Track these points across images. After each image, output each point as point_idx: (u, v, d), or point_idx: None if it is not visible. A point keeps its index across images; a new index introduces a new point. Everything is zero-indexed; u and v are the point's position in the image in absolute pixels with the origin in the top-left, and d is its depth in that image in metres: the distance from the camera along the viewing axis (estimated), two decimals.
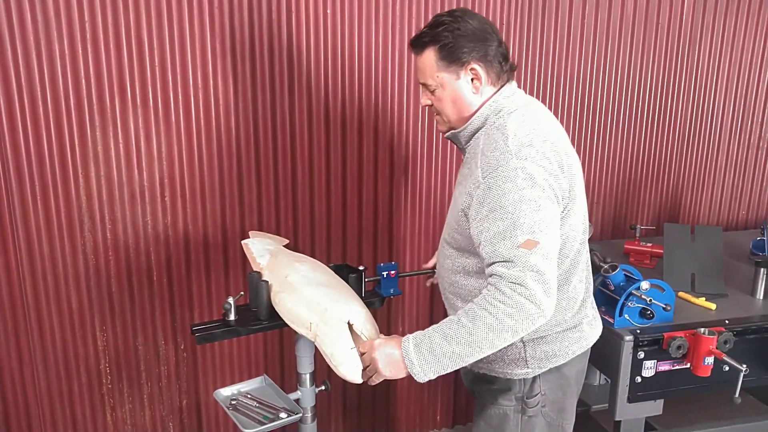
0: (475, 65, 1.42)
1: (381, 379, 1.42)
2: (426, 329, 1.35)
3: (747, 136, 2.97)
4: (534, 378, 1.50)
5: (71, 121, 1.99)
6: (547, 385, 1.51)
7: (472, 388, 1.67)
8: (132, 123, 2.06)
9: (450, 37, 1.40)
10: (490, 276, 1.32)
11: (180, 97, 2.08)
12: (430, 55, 1.43)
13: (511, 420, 1.53)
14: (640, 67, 2.67)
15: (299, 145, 2.26)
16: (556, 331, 1.49)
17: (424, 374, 1.32)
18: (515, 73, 1.54)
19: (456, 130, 1.49)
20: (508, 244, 1.29)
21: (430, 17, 2.28)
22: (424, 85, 1.48)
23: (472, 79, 1.43)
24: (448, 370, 1.32)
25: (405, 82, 2.33)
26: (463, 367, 1.63)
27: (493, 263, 1.31)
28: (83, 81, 1.97)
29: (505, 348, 1.46)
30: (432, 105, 1.50)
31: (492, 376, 1.54)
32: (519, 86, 1.52)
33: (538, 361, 1.48)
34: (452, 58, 1.41)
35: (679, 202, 2.94)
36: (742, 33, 2.79)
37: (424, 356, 1.32)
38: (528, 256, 1.27)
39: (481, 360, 1.50)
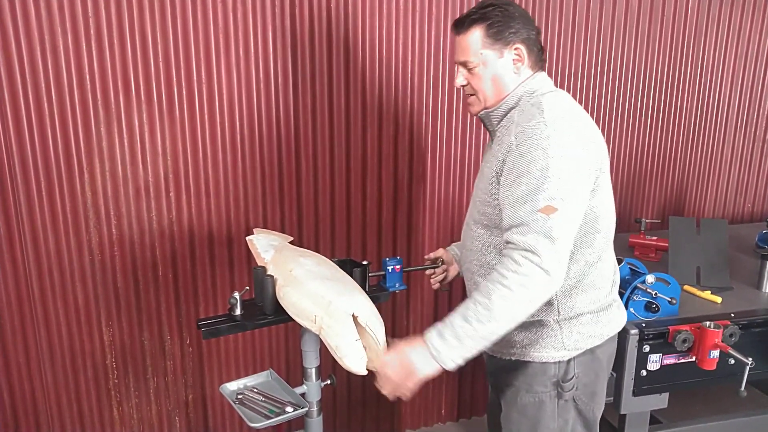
0: (520, 45, 1.46)
1: (411, 392, 1.40)
2: (446, 317, 1.36)
3: (752, 129, 2.95)
4: (569, 361, 1.50)
5: (76, 117, 2.00)
6: (581, 368, 1.52)
7: (498, 380, 1.64)
8: (136, 119, 2.06)
9: (500, 16, 1.45)
10: (506, 244, 1.35)
11: (184, 92, 2.08)
12: (476, 33, 1.46)
13: (548, 406, 1.52)
14: (645, 60, 2.66)
15: (303, 139, 2.26)
16: (590, 310, 1.50)
17: (451, 360, 1.32)
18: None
19: (489, 109, 1.52)
20: (528, 207, 1.31)
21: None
22: (464, 63, 1.50)
23: (514, 60, 1.47)
24: (474, 352, 1.33)
25: (409, 76, 2.32)
26: (488, 358, 1.63)
27: (510, 228, 1.34)
28: (87, 77, 1.97)
29: (540, 330, 1.49)
30: (467, 85, 1.52)
31: (525, 362, 1.53)
32: None
33: (574, 342, 1.49)
34: (499, 36, 1.45)
35: (684, 195, 2.93)
36: (748, 25, 2.77)
37: (448, 342, 1.32)
38: (545, 221, 1.29)
39: (513, 345, 1.52)
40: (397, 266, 1.90)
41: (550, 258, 1.29)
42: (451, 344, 1.32)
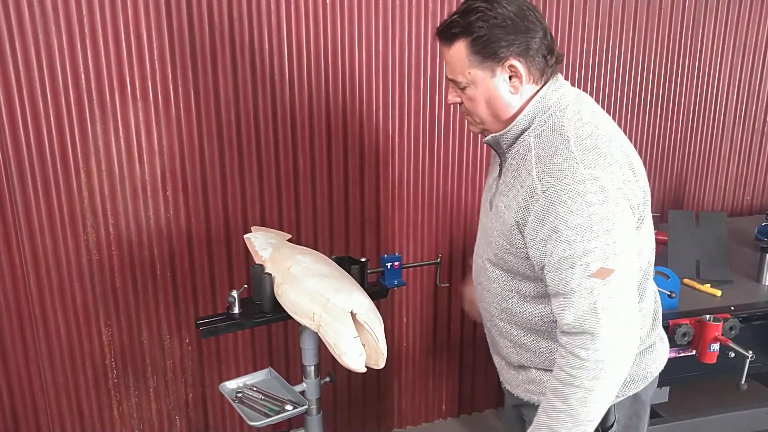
0: (514, 62, 1.21)
1: None
2: None
3: (751, 122, 2.95)
4: (609, 407, 1.29)
5: (71, 117, 1.99)
6: (621, 412, 1.37)
7: (524, 416, 1.46)
8: (132, 117, 2.05)
9: (485, 28, 1.19)
10: (562, 333, 1.17)
11: (180, 90, 2.08)
12: (460, 49, 1.22)
13: None
14: (643, 53, 2.65)
15: (300, 136, 2.25)
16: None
17: None
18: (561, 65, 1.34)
19: (498, 134, 1.29)
20: (578, 272, 1.13)
21: (427, 4, 2.27)
22: (454, 81, 1.28)
23: (510, 77, 1.24)
24: None
25: (406, 73, 2.31)
26: (509, 395, 1.48)
27: (557, 295, 1.17)
28: (83, 76, 1.96)
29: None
30: (461, 103, 1.31)
31: None
32: None
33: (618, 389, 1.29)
34: (487, 52, 1.20)
35: (683, 188, 2.93)
36: (746, 18, 2.77)
37: None
38: (601, 289, 1.12)
39: (544, 393, 1.37)
40: (396, 263, 1.90)
41: (619, 333, 1.13)
42: None
